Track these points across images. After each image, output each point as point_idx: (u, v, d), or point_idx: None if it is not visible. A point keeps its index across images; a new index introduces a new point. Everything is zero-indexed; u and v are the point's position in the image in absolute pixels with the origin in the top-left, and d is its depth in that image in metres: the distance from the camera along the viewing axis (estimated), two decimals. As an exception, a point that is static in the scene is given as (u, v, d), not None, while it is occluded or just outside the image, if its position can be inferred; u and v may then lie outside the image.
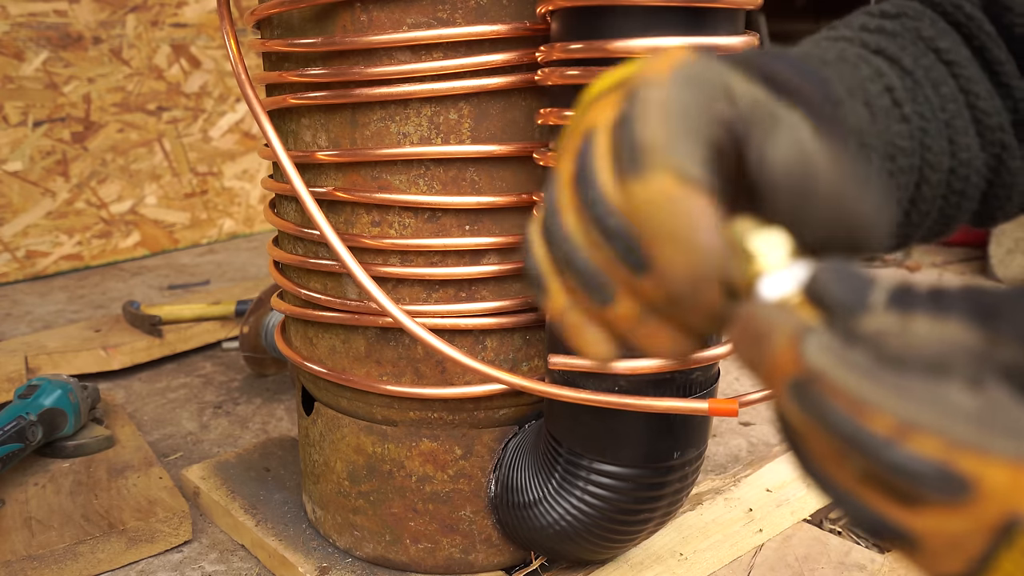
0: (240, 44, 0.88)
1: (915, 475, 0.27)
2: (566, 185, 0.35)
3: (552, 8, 0.73)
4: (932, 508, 0.28)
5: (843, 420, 0.28)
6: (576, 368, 0.78)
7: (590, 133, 0.35)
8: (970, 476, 0.27)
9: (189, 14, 2.35)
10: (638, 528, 0.86)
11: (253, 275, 2.16)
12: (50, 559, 0.98)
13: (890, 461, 0.28)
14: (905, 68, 0.51)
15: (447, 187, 0.82)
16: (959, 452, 0.27)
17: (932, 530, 0.28)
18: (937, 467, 0.27)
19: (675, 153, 0.31)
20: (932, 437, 0.27)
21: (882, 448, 0.28)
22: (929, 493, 0.28)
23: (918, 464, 0.27)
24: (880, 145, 0.48)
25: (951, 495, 0.27)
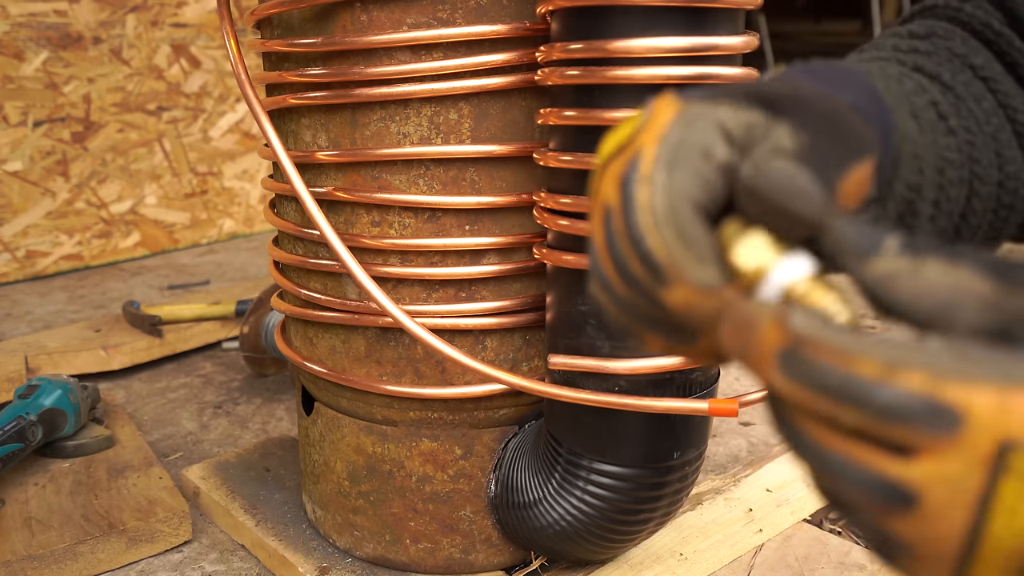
0: (240, 44, 0.88)
1: (904, 412, 0.28)
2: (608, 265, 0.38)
3: (552, 8, 0.73)
4: (927, 453, 0.28)
5: (830, 372, 0.29)
6: (576, 368, 0.78)
7: (608, 213, 0.38)
8: (958, 405, 0.27)
9: (189, 14, 2.35)
10: (638, 528, 0.86)
11: (253, 275, 2.16)
12: (50, 559, 0.98)
13: (879, 402, 0.28)
14: (945, 83, 0.52)
15: (447, 187, 0.82)
16: (944, 383, 0.28)
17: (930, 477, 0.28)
18: (924, 400, 0.28)
19: (683, 265, 0.35)
20: (917, 372, 0.28)
21: (870, 391, 0.28)
22: (920, 432, 0.28)
23: (905, 400, 0.28)
24: (930, 158, 0.49)
25: (942, 429, 0.28)
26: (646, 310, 0.38)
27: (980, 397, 0.27)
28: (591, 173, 0.41)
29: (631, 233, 0.36)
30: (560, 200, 0.75)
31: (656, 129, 0.37)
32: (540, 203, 0.79)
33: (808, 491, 1.09)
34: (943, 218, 0.51)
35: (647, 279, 0.36)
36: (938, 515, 0.29)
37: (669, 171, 0.36)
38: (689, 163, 0.36)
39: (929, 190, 0.49)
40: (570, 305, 0.77)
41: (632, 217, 0.36)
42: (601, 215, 0.38)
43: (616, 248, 0.37)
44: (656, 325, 0.38)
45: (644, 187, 0.36)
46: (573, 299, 0.77)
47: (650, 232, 0.35)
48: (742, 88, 0.39)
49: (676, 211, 0.35)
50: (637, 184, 0.36)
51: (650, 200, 0.36)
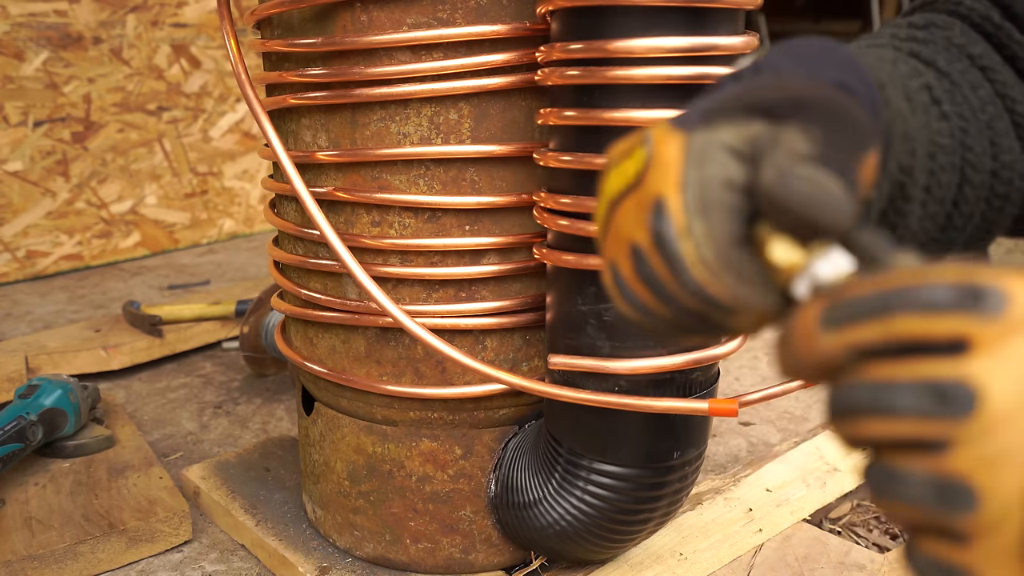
0: (240, 44, 0.88)
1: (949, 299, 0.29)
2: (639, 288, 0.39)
3: (552, 8, 0.73)
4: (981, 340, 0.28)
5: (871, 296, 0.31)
6: (576, 368, 0.78)
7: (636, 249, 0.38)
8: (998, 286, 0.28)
9: (189, 14, 2.34)
10: (638, 528, 0.86)
11: (253, 275, 2.16)
12: (50, 559, 0.98)
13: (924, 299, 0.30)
14: (941, 70, 0.51)
15: (447, 187, 0.82)
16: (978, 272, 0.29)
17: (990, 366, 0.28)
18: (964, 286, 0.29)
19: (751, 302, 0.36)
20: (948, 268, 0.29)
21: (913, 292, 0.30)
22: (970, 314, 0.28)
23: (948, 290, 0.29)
24: (922, 140, 0.48)
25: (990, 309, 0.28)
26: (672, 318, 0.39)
27: (1013, 277, 0.28)
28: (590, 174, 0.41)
29: (687, 285, 0.37)
30: (560, 200, 0.75)
31: (669, 171, 0.37)
32: (540, 203, 0.79)
33: (808, 491, 1.09)
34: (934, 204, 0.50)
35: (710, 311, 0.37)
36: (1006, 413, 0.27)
37: (704, 218, 0.36)
38: (718, 202, 0.36)
39: (920, 174, 0.48)
40: (570, 305, 0.77)
41: (685, 274, 0.37)
42: (627, 252, 0.39)
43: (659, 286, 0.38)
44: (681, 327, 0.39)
45: (686, 241, 0.36)
46: (573, 299, 0.77)
47: (710, 284, 0.36)
48: (736, 101, 0.39)
49: (726, 256, 0.36)
50: (678, 239, 0.36)
51: (696, 253, 0.36)
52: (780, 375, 0.35)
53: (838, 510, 1.11)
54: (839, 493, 1.13)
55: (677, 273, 0.37)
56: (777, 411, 1.40)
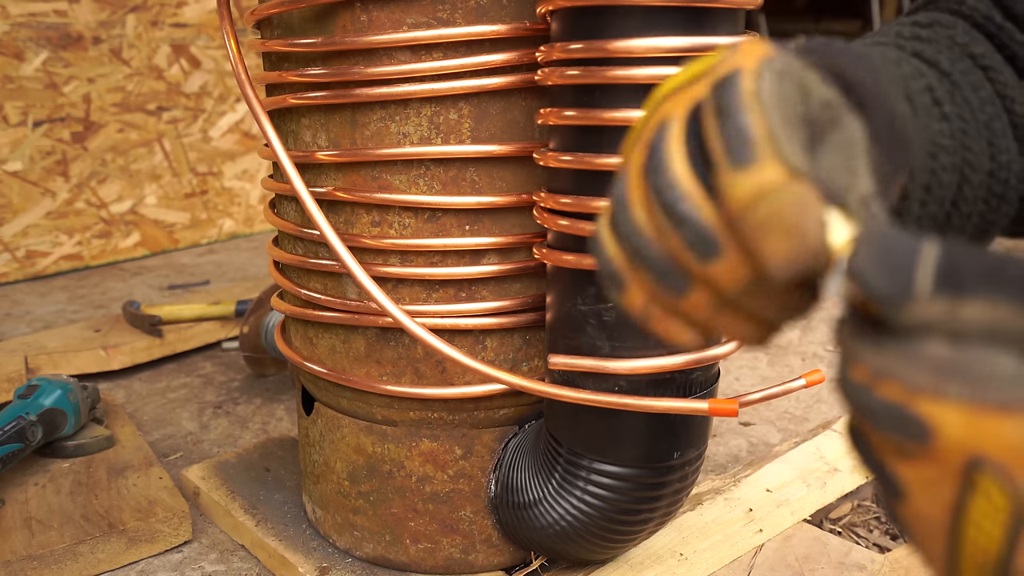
0: (240, 44, 0.88)
1: (879, 417, 0.29)
2: (635, 177, 0.36)
3: (552, 8, 0.73)
4: (910, 458, 0.29)
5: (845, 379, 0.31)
6: (576, 368, 0.78)
7: (664, 125, 0.35)
8: (928, 419, 0.28)
9: (189, 14, 2.34)
10: (638, 528, 0.86)
11: (253, 275, 2.16)
12: (50, 559, 0.98)
13: (862, 405, 0.30)
14: (943, 70, 0.52)
15: (447, 187, 0.82)
16: (917, 397, 0.28)
17: (915, 480, 0.30)
18: (897, 410, 0.29)
19: (783, 143, 0.32)
20: (895, 383, 0.29)
21: (859, 393, 0.30)
22: (897, 436, 0.29)
23: (882, 408, 0.29)
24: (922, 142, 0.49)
25: (915, 439, 0.29)
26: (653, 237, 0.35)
27: (949, 414, 0.28)
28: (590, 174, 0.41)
29: (727, 109, 0.33)
30: (560, 200, 0.75)
31: (758, 53, 0.34)
32: (540, 203, 0.79)
33: (808, 491, 1.09)
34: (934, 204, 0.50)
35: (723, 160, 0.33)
36: (922, 516, 0.30)
37: (780, 78, 0.34)
38: (794, 84, 0.34)
39: (921, 174, 0.49)
40: (570, 305, 0.77)
41: (733, 96, 0.33)
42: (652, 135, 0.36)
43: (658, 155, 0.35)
44: (654, 263, 0.36)
45: (751, 79, 0.33)
46: (573, 299, 0.77)
47: (752, 109, 0.32)
48: (824, 59, 0.37)
49: (784, 104, 0.33)
50: (743, 77, 0.33)
51: (756, 88, 0.33)
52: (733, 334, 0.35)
53: (838, 510, 1.11)
54: (839, 493, 1.13)
55: (722, 97, 0.33)
56: (777, 411, 1.40)
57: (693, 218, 0.34)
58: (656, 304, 0.37)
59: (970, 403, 0.27)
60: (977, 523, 0.28)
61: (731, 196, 0.32)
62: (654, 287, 0.36)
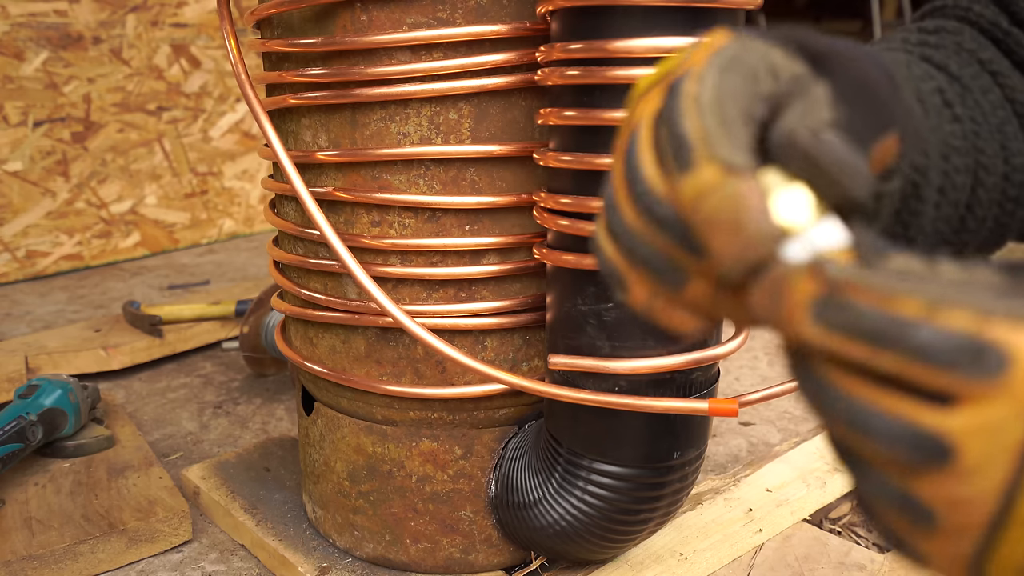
0: (240, 44, 0.88)
1: (945, 353, 0.26)
2: (619, 180, 0.36)
3: (552, 8, 0.73)
4: (968, 399, 0.26)
5: (870, 314, 0.28)
6: (576, 368, 0.78)
7: (635, 130, 0.36)
8: (1004, 345, 0.26)
9: (189, 14, 2.34)
10: (638, 528, 0.86)
11: (253, 275, 2.16)
12: (50, 559, 0.98)
13: (919, 342, 0.27)
14: (952, 74, 0.52)
15: (447, 187, 0.82)
16: (990, 322, 0.26)
17: (970, 427, 0.27)
18: (968, 340, 0.26)
19: (717, 144, 0.32)
20: (962, 311, 0.26)
21: (911, 330, 0.27)
22: (962, 374, 0.26)
23: (947, 339, 0.26)
24: (935, 142, 0.48)
25: (985, 372, 0.26)
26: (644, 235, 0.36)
27: None
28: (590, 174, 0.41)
29: (668, 117, 0.34)
30: (560, 200, 0.75)
31: (710, 47, 0.35)
32: (540, 203, 0.79)
33: (808, 491, 1.09)
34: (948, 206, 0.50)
35: (661, 175, 0.34)
36: (974, 471, 0.27)
37: (721, 73, 0.34)
38: (741, 74, 0.34)
39: (934, 175, 0.49)
40: (570, 305, 0.77)
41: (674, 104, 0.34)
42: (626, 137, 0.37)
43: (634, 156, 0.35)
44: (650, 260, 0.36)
45: (692, 82, 0.34)
46: (573, 299, 0.77)
47: (689, 112, 0.33)
48: (791, 36, 0.38)
49: (722, 102, 0.33)
50: (685, 80, 0.34)
51: (697, 90, 0.34)
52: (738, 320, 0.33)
53: (838, 510, 1.11)
54: (839, 493, 1.13)
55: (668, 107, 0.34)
56: (777, 411, 1.40)
57: (671, 219, 0.35)
58: (658, 298, 0.37)
59: None
60: None
61: (679, 198, 0.33)
62: (653, 283, 0.37)
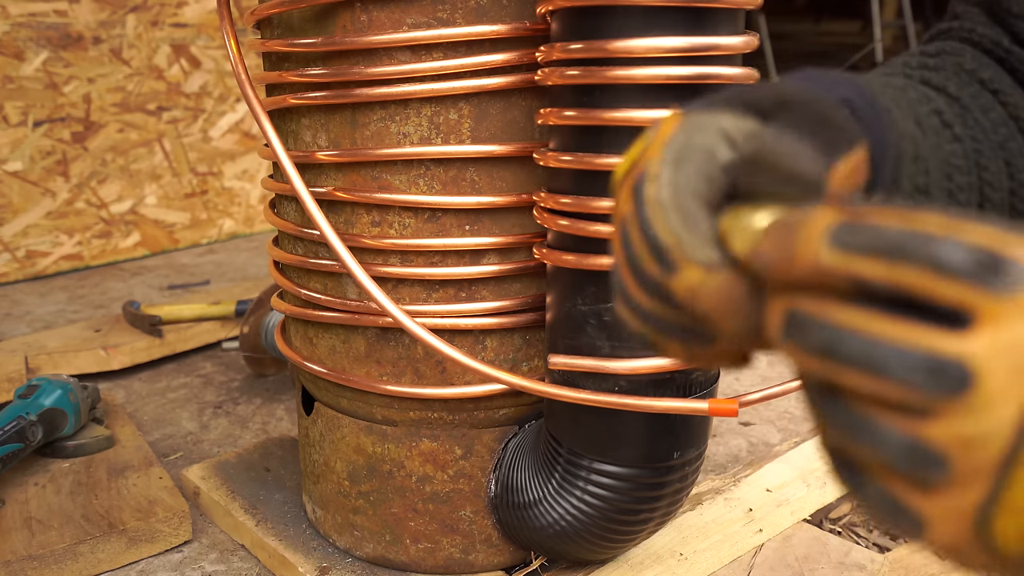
0: (240, 44, 0.88)
1: (965, 266, 0.27)
2: (626, 271, 0.40)
3: (552, 8, 0.73)
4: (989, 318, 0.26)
5: (892, 230, 0.28)
6: (576, 368, 0.78)
7: (624, 226, 0.39)
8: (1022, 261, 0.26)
9: (189, 14, 2.34)
10: (638, 528, 0.86)
11: (253, 275, 2.16)
12: (50, 559, 0.98)
13: (942, 255, 0.27)
14: (951, 94, 0.53)
15: (447, 187, 0.82)
16: (1008, 240, 0.27)
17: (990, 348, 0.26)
18: (988, 254, 0.27)
19: (688, 247, 0.36)
20: (983, 229, 0.27)
21: (934, 244, 0.27)
22: (982, 288, 0.26)
23: (967, 253, 0.27)
24: (935, 162, 0.49)
25: (1005, 286, 0.26)
26: (664, 315, 0.39)
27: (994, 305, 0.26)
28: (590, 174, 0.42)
29: (642, 225, 0.37)
30: (560, 200, 0.75)
31: (662, 138, 0.38)
32: (540, 203, 0.79)
33: (808, 491, 1.09)
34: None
35: (657, 270, 0.37)
36: (994, 399, 0.26)
37: (674, 168, 0.37)
38: (692, 161, 0.37)
39: (938, 193, 0.49)
40: (570, 305, 0.77)
41: (642, 211, 0.38)
42: (619, 229, 0.40)
43: (631, 249, 0.38)
44: (675, 331, 0.39)
45: (651, 184, 0.37)
46: (573, 299, 0.77)
47: (656, 219, 0.37)
48: (738, 96, 0.40)
49: (679, 199, 0.37)
50: (645, 183, 0.38)
51: (657, 193, 0.37)
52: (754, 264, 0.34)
53: (838, 510, 1.11)
54: (839, 493, 1.13)
55: (639, 214, 0.38)
56: (777, 411, 1.40)
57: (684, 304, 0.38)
58: (694, 354, 0.41)
59: None
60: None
61: (675, 296, 0.37)
62: (684, 345, 0.40)
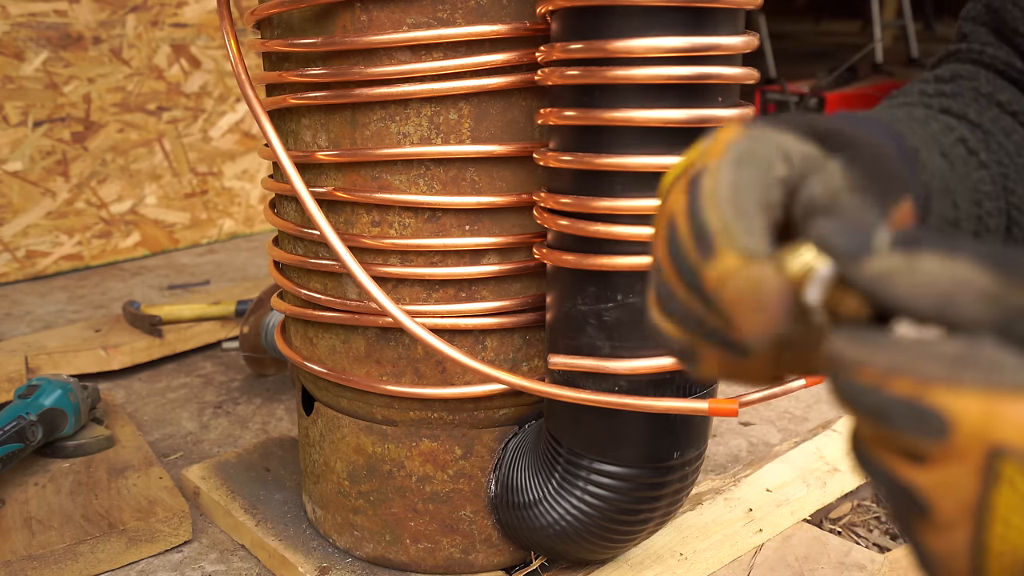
0: (240, 44, 0.88)
1: (894, 415, 0.28)
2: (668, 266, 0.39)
3: (552, 8, 0.73)
4: (931, 459, 0.28)
5: (845, 383, 0.30)
6: (576, 368, 0.78)
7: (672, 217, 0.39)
8: (944, 410, 0.27)
9: (189, 14, 2.34)
10: (638, 528, 0.86)
11: (253, 275, 2.16)
12: (50, 559, 0.98)
13: (871, 406, 0.29)
14: (972, 121, 0.53)
15: (447, 187, 0.82)
16: (930, 387, 0.28)
17: (936, 485, 0.28)
18: (910, 405, 0.28)
19: (735, 233, 0.35)
20: (905, 378, 0.28)
21: (866, 395, 0.29)
22: (912, 436, 0.28)
23: (893, 404, 0.28)
24: (964, 192, 0.50)
25: (932, 435, 0.28)
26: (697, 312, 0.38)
27: (964, 402, 0.27)
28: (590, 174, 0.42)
29: (692, 212, 0.37)
30: (560, 200, 0.75)
31: (724, 142, 0.38)
32: (540, 203, 0.79)
33: (808, 491, 1.09)
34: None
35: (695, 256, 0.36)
36: (947, 526, 0.29)
37: (735, 167, 0.37)
38: (754, 165, 0.37)
39: (967, 222, 0.50)
40: (570, 305, 0.77)
41: (695, 201, 0.37)
42: (666, 225, 0.39)
43: (676, 240, 0.38)
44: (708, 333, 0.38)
45: (709, 177, 0.37)
46: (573, 299, 0.77)
47: (709, 207, 0.36)
48: (797, 120, 0.40)
49: (737, 194, 0.36)
50: (704, 176, 0.37)
51: (714, 185, 0.36)
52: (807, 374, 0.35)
53: (838, 510, 1.11)
54: (839, 493, 1.13)
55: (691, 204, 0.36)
56: (777, 411, 1.40)
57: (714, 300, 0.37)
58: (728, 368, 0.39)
59: (986, 388, 0.27)
60: (1005, 518, 0.27)
61: (704, 282, 0.36)
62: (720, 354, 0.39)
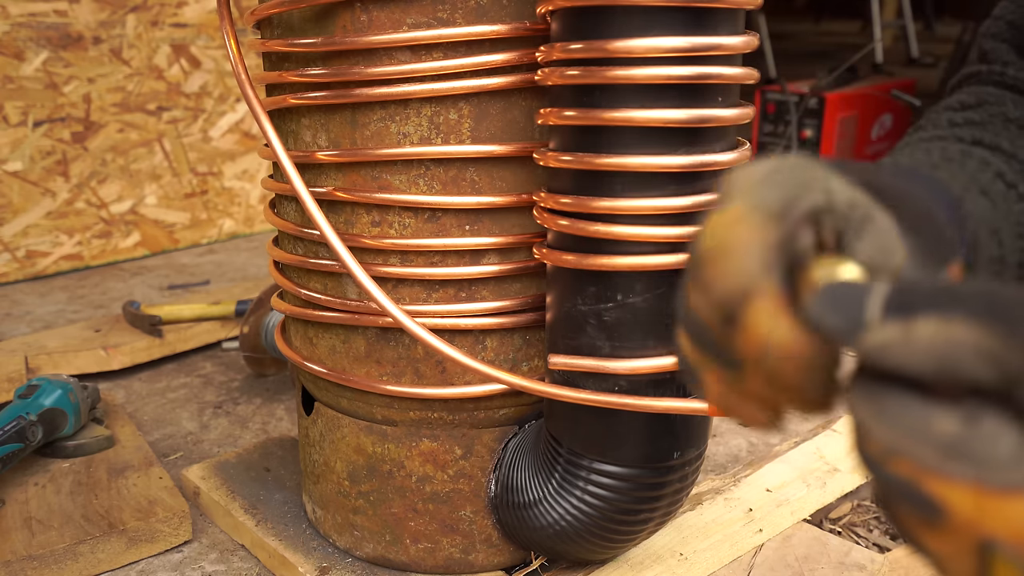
0: (240, 44, 0.88)
1: (895, 494, 0.30)
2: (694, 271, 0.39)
3: (552, 8, 0.73)
4: (933, 529, 0.29)
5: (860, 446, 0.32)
6: (576, 368, 0.78)
7: None
8: (938, 499, 0.29)
9: (189, 14, 2.34)
10: (638, 528, 0.86)
11: (253, 275, 2.16)
12: (50, 559, 0.98)
13: (879, 478, 0.30)
14: (1006, 151, 0.54)
15: (447, 187, 0.82)
16: (926, 475, 0.29)
17: (937, 548, 0.30)
18: (910, 487, 0.29)
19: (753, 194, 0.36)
20: (905, 461, 0.29)
21: (875, 467, 0.31)
22: (912, 511, 0.29)
23: (895, 483, 0.30)
24: (1008, 227, 0.51)
25: (930, 515, 0.29)
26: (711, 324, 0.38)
27: (957, 495, 0.28)
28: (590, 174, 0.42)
29: None
30: (560, 200, 0.75)
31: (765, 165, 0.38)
32: (540, 203, 0.79)
33: (808, 491, 1.09)
34: None
35: None
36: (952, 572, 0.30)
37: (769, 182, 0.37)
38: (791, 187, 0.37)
39: (1012, 255, 0.51)
40: (570, 305, 0.77)
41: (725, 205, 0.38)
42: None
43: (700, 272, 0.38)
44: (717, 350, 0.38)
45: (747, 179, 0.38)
46: (573, 299, 0.77)
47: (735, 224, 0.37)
48: (853, 169, 0.41)
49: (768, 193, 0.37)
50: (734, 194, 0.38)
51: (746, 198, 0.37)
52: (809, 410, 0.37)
53: (838, 510, 1.11)
54: (839, 493, 1.13)
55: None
56: (777, 411, 1.40)
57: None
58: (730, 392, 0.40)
59: (975, 485, 0.28)
60: None
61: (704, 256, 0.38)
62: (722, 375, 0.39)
